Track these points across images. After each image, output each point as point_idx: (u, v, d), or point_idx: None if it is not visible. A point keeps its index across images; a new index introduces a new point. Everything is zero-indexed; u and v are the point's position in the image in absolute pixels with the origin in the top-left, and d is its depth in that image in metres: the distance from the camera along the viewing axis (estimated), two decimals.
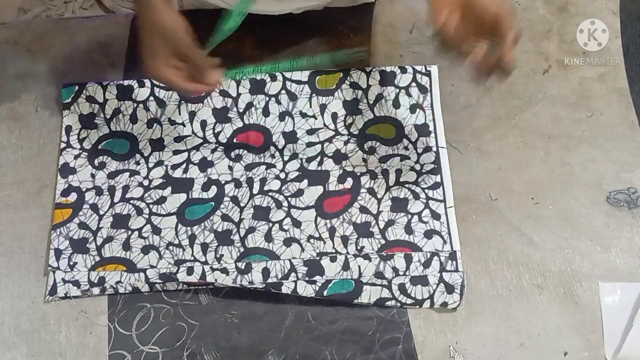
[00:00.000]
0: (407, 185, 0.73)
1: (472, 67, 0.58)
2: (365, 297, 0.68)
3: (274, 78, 0.78)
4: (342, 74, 0.78)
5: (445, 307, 0.68)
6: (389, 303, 0.68)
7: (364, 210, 0.72)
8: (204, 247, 0.70)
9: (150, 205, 0.72)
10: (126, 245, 0.71)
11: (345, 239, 0.71)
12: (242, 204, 0.72)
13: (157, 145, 0.75)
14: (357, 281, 0.68)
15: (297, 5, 0.76)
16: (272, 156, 0.74)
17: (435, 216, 0.71)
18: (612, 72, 0.80)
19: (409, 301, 0.68)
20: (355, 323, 0.68)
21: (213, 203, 0.72)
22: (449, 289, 0.68)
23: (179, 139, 0.75)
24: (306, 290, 0.68)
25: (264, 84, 0.77)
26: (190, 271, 0.69)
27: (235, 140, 0.75)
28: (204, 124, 0.76)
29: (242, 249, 0.70)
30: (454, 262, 0.69)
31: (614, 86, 0.79)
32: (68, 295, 0.68)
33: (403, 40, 0.82)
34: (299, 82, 0.77)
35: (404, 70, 0.78)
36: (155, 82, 0.77)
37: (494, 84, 0.79)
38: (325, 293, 0.68)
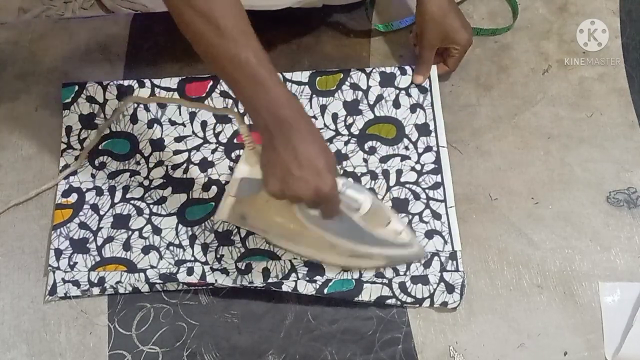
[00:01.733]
0: (407, 186, 0.73)
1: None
2: (366, 295, 0.67)
3: None
4: (342, 75, 0.78)
5: (445, 306, 0.68)
6: (389, 301, 0.68)
7: None
8: (205, 247, 0.70)
9: (151, 206, 0.72)
10: (126, 246, 0.70)
11: None
12: None
13: (158, 145, 0.75)
14: (358, 280, 0.68)
15: None
16: None
17: (436, 216, 0.71)
18: (612, 72, 0.80)
19: (409, 300, 0.68)
20: (355, 323, 0.68)
21: (213, 203, 0.72)
22: (449, 288, 0.68)
23: (179, 139, 0.75)
24: (306, 288, 0.68)
25: None
26: (190, 271, 0.69)
27: (235, 141, 0.75)
28: (204, 124, 0.76)
29: (242, 249, 0.70)
30: (455, 262, 0.69)
31: (614, 86, 0.79)
32: (68, 295, 0.68)
33: (402, 40, 0.82)
34: (299, 83, 0.77)
35: (403, 72, 0.78)
36: (155, 82, 0.77)
37: (494, 84, 0.79)
38: (325, 291, 0.67)
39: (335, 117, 0.76)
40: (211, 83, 0.77)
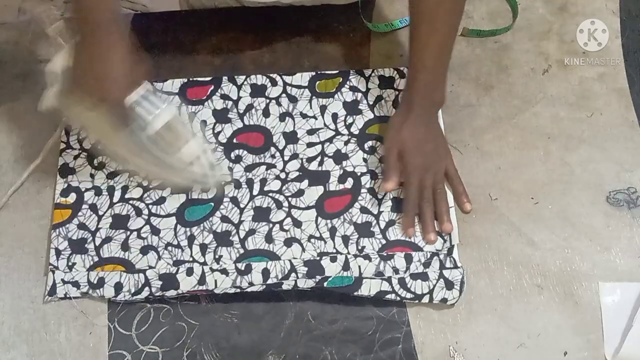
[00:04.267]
0: None
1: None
2: (366, 290, 0.67)
3: (274, 83, 0.78)
4: (341, 79, 0.78)
5: (445, 303, 0.67)
6: (388, 296, 0.67)
7: (364, 210, 0.72)
8: (203, 247, 0.70)
9: (150, 206, 0.72)
10: (125, 246, 0.70)
11: (346, 239, 0.70)
12: (241, 205, 0.72)
13: None
14: (357, 278, 0.68)
15: None
16: (273, 156, 0.74)
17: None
18: (612, 72, 0.80)
19: (409, 295, 0.67)
20: (355, 323, 0.68)
21: (212, 204, 0.72)
22: (449, 285, 0.68)
23: None
24: (306, 283, 0.67)
25: (265, 88, 0.78)
26: (189, 272, 0.69)
27: (235, 141, 0.75)
28: (203, 124, 0.76)
29: (241, 250, 0.70)
30: (452, 258, 0.69)
31: (614, 86, 0.79)
32: (67, 296, 0.68)
33: (403, 40, 0.82)
34: (299, 87, 0.78)
35: (402, 75, 0.78)
36: (157, 87, 0.77)
37: (494, 84, 0.79)
38: (325, 284, 0.67)
39: (335, 117, 0.76)
40: (212, 87, 0.78)
